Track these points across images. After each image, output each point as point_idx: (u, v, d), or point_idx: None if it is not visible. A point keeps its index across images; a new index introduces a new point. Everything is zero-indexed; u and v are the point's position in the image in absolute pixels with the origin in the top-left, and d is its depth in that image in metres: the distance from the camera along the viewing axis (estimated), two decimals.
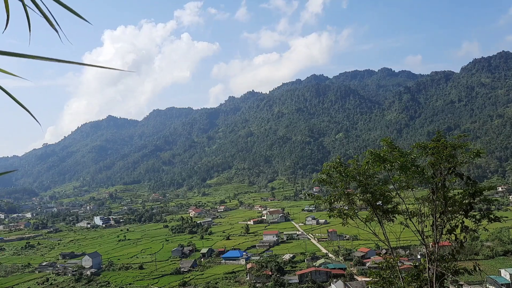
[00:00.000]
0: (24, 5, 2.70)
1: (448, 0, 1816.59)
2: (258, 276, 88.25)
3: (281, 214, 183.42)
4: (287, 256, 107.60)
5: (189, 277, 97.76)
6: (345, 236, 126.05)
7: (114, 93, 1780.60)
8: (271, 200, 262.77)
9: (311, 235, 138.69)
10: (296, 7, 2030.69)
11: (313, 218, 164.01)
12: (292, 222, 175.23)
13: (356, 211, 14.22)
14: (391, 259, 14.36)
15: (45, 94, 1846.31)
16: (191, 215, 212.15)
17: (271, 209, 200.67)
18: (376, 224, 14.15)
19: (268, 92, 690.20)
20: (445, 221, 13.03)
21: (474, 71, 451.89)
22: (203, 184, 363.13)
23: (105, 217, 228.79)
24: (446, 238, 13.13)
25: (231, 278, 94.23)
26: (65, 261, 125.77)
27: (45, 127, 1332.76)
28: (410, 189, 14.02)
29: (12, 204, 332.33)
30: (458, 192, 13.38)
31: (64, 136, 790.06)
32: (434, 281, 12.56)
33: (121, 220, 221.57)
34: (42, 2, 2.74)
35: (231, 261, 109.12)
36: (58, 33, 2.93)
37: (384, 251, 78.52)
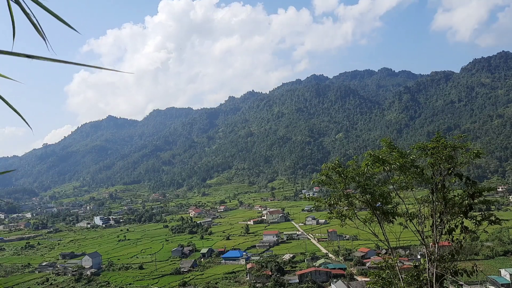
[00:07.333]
0: (11, 11, 2.66)
1: None
2: (258, 276, 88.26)
3: (281, 214, 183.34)
4: (287, 256, 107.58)
5: (189, 277, 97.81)
6: (345, 236, 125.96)
7: None
8: (271, 200, 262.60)
9: (311, 235, 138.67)
10: None
11: (313, 218, 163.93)
12: (292, 222, 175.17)
13: (355, 211, 14.19)
14: (390, 259, 14.34)
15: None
16: (191, 215, 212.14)
17: (271, 209, 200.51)
18: (376, 224, 14.14)
19: (268, 92, 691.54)
20: (445, 221, 13.01)
21: (474, 71, 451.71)
22: (203, 184, 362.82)
23: (105, 217, 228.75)
24: (446, 239, 13.11)
25: (231, 278, 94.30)
26: (65, 261, 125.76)
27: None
28: (409, 190, 14.01)
29: (12, 204, 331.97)
30: (458, 194, 13.33)
31: (64, 136, 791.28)
32: (434, 282, 12.55)
33: (121, 220, 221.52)
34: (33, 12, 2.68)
35: (231, 261, 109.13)
36: (46, 41, 2.85)
37: (384, 251, 78.49)
